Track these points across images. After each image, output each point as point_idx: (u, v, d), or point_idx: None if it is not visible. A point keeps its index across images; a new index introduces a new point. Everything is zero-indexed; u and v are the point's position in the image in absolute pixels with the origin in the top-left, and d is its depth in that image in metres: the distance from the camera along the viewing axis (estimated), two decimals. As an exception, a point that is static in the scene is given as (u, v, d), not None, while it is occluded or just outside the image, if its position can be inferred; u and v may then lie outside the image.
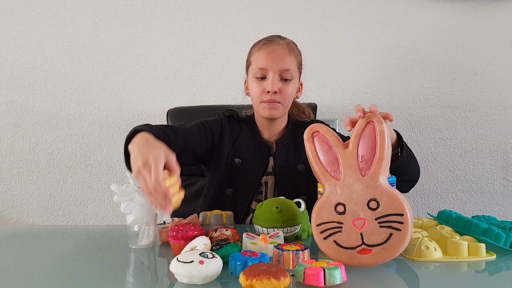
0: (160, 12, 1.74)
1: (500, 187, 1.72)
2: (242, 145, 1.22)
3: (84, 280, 0.71)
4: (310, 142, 0.79)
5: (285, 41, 1.20)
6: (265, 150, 1.21)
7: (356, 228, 0.73)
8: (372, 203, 0.74)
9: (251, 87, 1.20)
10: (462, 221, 0.89)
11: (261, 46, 1.18)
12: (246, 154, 1.21)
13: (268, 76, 1.16)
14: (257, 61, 1.17)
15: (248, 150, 1.21)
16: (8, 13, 1.76)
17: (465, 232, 0.86)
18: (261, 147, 1.22)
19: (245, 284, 0.61)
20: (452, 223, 0.91)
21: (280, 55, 1.16)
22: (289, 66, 1.17)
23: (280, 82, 1.16)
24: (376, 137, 0.76)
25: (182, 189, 0.80)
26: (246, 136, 1.23)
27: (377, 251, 0.72)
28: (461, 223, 0.89)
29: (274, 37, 1.21)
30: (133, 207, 0.85)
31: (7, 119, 1.78)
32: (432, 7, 1.69)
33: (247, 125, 1.25)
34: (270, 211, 0.90)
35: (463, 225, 0.88)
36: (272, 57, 1.16)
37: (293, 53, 1.19)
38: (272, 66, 1.15)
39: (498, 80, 1.70)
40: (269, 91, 1.14)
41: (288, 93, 1.18)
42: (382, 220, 0.73)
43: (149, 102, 1.76)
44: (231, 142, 1.22)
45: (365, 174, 0.75)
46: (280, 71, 1.15)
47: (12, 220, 1.80)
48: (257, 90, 1.17)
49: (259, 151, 1.21)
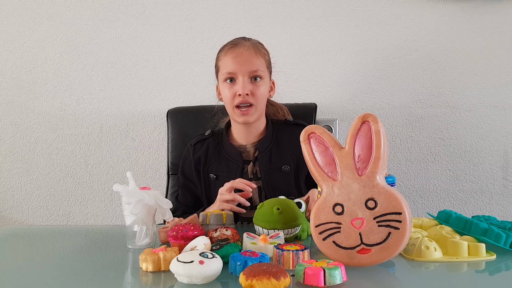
0: (160, 12, 1.74)
1: (500, 187, 1.72)
2: (212, 160, 1.25)
3: (84, 280, 0.71)
4: (307, 143, 0.79)
5: (250, 42, 1.21)
6: (236, 158, 1.22)
7: (354, 228, 0.74)
8: (370, 202, 0.74)
9: (222, 92, 1.21)
10: (462, 221, 0.89)
11: (227, 50, 1.19)
12: (218, 168, 1.23)
13: (237, 80, 1.16)
14: (225, 66, 1.18)
15: (219, 163, 1.24)
16: (8, 13, 1.75)
17: (465, 232, 0.86)
18: (231, 156, 1.22)
19: (245, 284, 0.61)
20: (452, 223, 0.91)
21: (247, 57, 1.17)
22: (258, 67, 1.17)
23: (250, 84, 1.16)
24: (372, 137, 0.76)
25: None
26: (213, 151, 1.26)
27: (376, 251, 0.72)
28: (461, 223, 0.89)
29: (239, 40, 1.21)
30: (140, 208, 0.85)
31: (7, 119, 1.78)
32: (432, 7, 1.69)
33: (215, 139, 1.27)
34: (271, 212, 0.90)
35: (463, 225, 0.88)
36: (239, 60, 1.16)
37: (260, 54, 1.20)
38: (240, 69, 1.16)
39: (498, 80, 1.70)
40: (240, 94, 1.15)
41: (260, 94, 1.18)
42: (380, 220, 0.73)
43: (149, 102, 1.76)
44: (202, 162, 1.25)
45: (362, 174, 0.75)
46: (249, 73, 1.16)
47: (12, 220, 1.80)
48: (229, 95, 1.18)
49: (229, 161, 1.22)
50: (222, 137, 1.28)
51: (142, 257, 0.73)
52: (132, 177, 0.88)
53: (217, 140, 1.28)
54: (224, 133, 1.28)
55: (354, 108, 1.73)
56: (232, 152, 1.23)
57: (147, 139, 1.76)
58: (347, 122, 1.73)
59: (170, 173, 1.60)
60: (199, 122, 1.57)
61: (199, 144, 1.29)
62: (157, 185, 1.74)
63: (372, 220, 0.73)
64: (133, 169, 1.75)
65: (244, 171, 1.21)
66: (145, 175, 1.77)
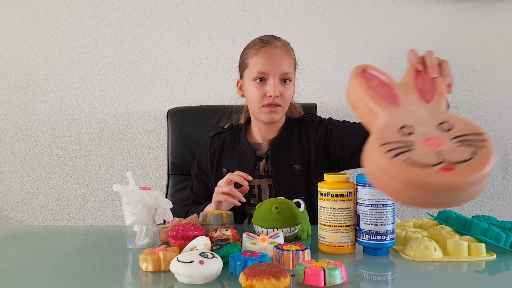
0: (160, 12, 1.74)
1: (500, 187, 1.72)
2: (226, 155, 1.24)
3: (83, 280, 0.71)
4: (359, 77, 0.70)
5: (281, 42, 1.20)
6: (249, 154, 1.21)
7: (430, 148, 0.59)
8: (445, 124, 0.62)
9: (249, 91, 1.19)
10: (462, 221, 0.89)
11: (259, 49, 1.17)
12: (231, 163, 1.23)
13: (268, 81, 1.15)
14: (256, 65, 1.16)
15: (232, 158, 1.23)
16: (8, 13, 1.76)
17: (465, 232, 0.86)
18: (245, 152, 1.22)
19: (245, 284, 0.61)
20: (452, 223, 0.91)
21: (280, 58, 1.16)
22: (289, 69, 1.17)
23: (281, 86, 1.16)
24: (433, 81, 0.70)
25: None
26: (229, 146, 1.26)
27: (463, 167, 0.56)
28: (461, 223, 0.89)
29: (270, 38, 1.19)
30: (140, 208, 0.85)
31: (7, 119, 1.78)
32: (432, 7, 1.69)
33: (233, 133, 1.27)
34: (269, 212, 0.90)
35: (463, 225, 0.88)
36: (272, 61, 1.15)
37: (290, 55, 1.19)
38: (273, 71, 1.15)
39: (498, 80, 1.70)
40: (271, 95, 1.14)
41: (288, 95, 1.18)
42: (461, 139, 0.60)
43: (149, 102, 1.76)
44: (217, 156, 1.25)
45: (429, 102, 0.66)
46: (281, 75, 1.16)
47: (12, 220, 1.80)
48: (257, 95, 1.16)
49: (242, 157, 1.22)
50: (240, 133, 1.27)
51: (142, 257, 0.73)
52: (132, 177, 0.88)
53: (235, 135, 1.27)
54: (243, 129, 1.28)
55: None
56: (246, 148, 1.23)
57: (147, 139, 1.76)
58: (347, 122, 1.73)
59: (170, 173, 1.60)
60: (199, 122, 1.57)
61: (216, 136, 1.29)
62: (157, 185, 1.74)
63: (451, 140, 0.60)
64: (133, 169, 1.75)
65: (256, 168, 1.20)
66: (145, 175, 1.77)
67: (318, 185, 0.84)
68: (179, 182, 1.58)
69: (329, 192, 0.81)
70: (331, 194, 0.81)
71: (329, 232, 0.81)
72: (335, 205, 0.81)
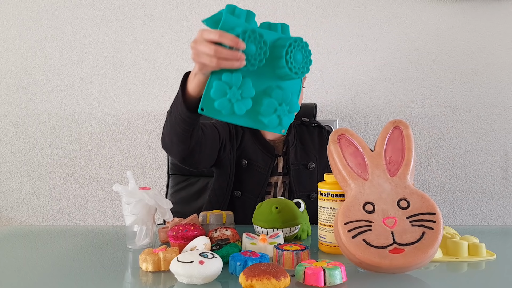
0: (160, 12, 1.74)
1: (500, 187, 1.72)
2: (247, 146, 1.23)
3: (84, 280, 0.71)
4: (336, 143, 0.79)
5: None
6: (270, 150, 1.21)
7: (386, 226, 0.69)
8: (403, 202, 0.72)
9: None
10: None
11: None
12: (252, 155, 1.21)
13: None
14: None
15: (254, 151, 1.22)
16: (8, 13, 1.76)
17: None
18: (266, 148, 1.22)
19: (245, 284, 0.61)
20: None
21: None
22: None
23: None
24: (404, 140, 0.77)
25: None
26: (250, 138, 1.24)
27: (410, 250, 0.67)
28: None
29: None
30: (140, 208, 0.85)
31: (7, 119, 1.78)
32: (432, 7, 1.69)
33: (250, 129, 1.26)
34: (269, 212, 0.90)
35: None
36: None
37: None
38: None
39: (498, 80, 1.70)
40: None
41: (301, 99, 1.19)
42: (414, 219, 0.70)
43: (149, 102, 1.76)
44: (237, 144, 1.23)
45: (393, 175, 0.75)
46: None
47: (12, 220, 1.80)
48: None
49: (264, 152, 1.21)
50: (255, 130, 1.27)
51: (142, 257, 0.73)
52: (132, 177, 0.88)
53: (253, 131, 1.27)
54: None
55: (354, 108, 1.73)
56: (266, 145, 1.23)
57: (147, 139, 1.76)
58: (347, 122, 1.73)
59: (170, 173, 1.59)
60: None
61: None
62: (157, 185, 1.74)
63: (405, 220, 0.70)
64: (133, 169, 1.75)
65: (275, 165, 1.21)
66: (145, 175, 1.77)
67: (318, 185, 0.84)
68: (179, 182, 1.58)
69: (329, 192, 0.81)
70: (331, 194, 0.81)
71: (329, 232, 0.81)
72: (335, 205, 0.81)
